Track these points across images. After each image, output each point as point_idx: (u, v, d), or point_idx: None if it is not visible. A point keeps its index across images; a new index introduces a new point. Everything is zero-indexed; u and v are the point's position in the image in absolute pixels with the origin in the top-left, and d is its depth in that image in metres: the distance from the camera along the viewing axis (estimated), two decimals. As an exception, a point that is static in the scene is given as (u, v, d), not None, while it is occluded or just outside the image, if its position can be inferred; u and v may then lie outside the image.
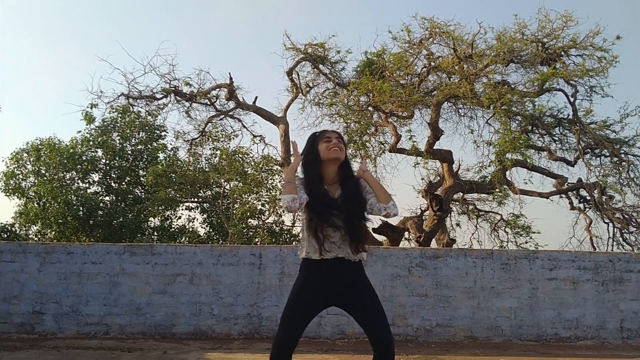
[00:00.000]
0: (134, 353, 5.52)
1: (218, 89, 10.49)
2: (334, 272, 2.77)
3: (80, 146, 16.38)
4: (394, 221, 10.78)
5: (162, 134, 17.35)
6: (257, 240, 14.97)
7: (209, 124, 11.29)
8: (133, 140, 17.39)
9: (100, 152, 16.86)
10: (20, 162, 16.55)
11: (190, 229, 17.24)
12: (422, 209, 11.87)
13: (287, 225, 16.40)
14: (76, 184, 16.64)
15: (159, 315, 6.46)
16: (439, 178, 11.44)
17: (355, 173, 2.96)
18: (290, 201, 2.68)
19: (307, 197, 2.76)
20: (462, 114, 10.59)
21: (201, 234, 17.09)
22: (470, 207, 12.79)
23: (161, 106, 10.41)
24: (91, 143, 16.57)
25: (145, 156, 17.27)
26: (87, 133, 16.60)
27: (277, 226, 16.30)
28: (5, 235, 15.91)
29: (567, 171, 10.42)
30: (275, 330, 6.50)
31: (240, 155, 14.86)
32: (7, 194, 16.30)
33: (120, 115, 16.48)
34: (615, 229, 10.11)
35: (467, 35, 9.59)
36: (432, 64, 10.14)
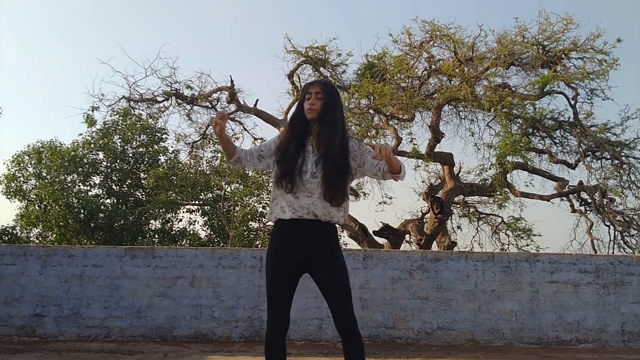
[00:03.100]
0: (134, 356, 5.52)
1: (219, 92, 10.51)
2: (303, 233, 2.68)
3: (81, 149, 16.41)
4: (394, 224, 10.79)
5: (163, 136, 17.40)
6: (258, 243, 14.96)
7: (210, 126, 11.29)
8: (134, 143, 17.41)
9: (101, 155, 16.89)
10: (22, 164, 16.57)
11: (191, 232, 17.24)
12: (423, 211, 11.86)
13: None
14: (77, 187, 16.66)
15: (159, 318, 6.46)
16: (439, 181, 11.45)
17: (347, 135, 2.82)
18: (234, 163, 2.87)
19: (249, 155, 2.87)
20: (463, 117, 10.60)
21: (202, 237, 17.10)
22: (471, 209, 12.78)
23: (162, 109, 10.43)
24: (92, 146, 16.60)
25: (147, 159, 17.29)
26: (88, 136, 16.64)
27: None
28: (6, 238, 15.93)
29: (568, 174, 10.43)
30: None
31: (241, 158, 14.85)
32: (8, 196, 16.32)
33: (121, 118, 16.51)
34: (616, 232, 10.10)
35: (468, 38, 9.62)
36: (433, 66, 10.15)
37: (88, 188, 16.91)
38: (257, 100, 10.68)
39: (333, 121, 2.72)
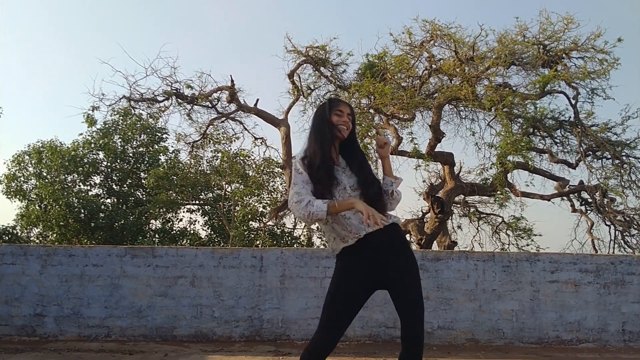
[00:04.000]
0: (135, 355, 5.52)
1: (219, 92, 10.50)
2: (371, 249, 2.56)
3: (81, 148, 16.42)
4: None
5: (164, 136, 17.43)
6: (258, 242, 14.96)
7: (210, 126, 11.30)
8: (134, 143, 17.42)
9: (101, 155, 16.90)
10: (22, 164, 16.58)
11: (192, 232, 17.26)
12: (424, 211, 11.86)
13: (289, 228, 16.41)
14: (77, 187, 16.67)
15: (160, 318, 6.45)
16: (440, 180, 11.44)
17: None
18: (308, 207, 2.49)
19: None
20: (464, 117, 10.60)
21: (202, 237, 17.11)
22: (472, 209, 12.79)
23: (162, 109, 10.42)
24: (92, 145, 16.61)
25: (147, 158, 17.31)
26: (88, 135, 16.65)
27: (278, 228, 16.31)
28: (7, 238, 15.94)
29: (569, 174, 10.42)
30: (276, 332, 6.52)
31: (241, 158, 14.90)
32: (9, 196, 16.33)
33: (121, 117, 16.53)
34: (617, 232, 10.09)
35: (469, 38, 9.62)
36: (434, 66, 10.15)
37: (88, 188, 16.92)
38: (258, 99, 10.67)
39: (357, 144, 2.81)
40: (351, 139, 2.72)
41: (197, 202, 17.05)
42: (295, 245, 15.70)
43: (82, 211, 15.08)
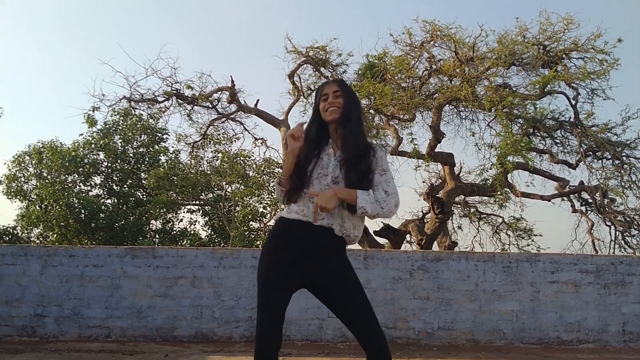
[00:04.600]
0: (135, 356, 5.52)
1: (220, 92, 10.50)
2: (309, 238, 2.38)
3: (82, 149, 16.43)
4: (395, 224, 10.78)
5: (164, 136, 17.43)
6: (258, 243, 14.96)
7: (211, 126, 11.31)
8: (135, 143, 17.43)
9: (102, 155, 16.91)
10: (22, 164, 16.59)
11: (192, 232, 17.26)
12: (424, 211, 11.85)
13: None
14: (78, 187, 16.68)
15: (160, 318, 6.46)
16: (440, 181, 11.44)
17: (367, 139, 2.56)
18: (280, 193, 2.47)
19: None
20: (464, 117, 10.59)
21: (203, 237, 17.11)
22: (472, 209, 12.78)
23: (163, 109, 10.43)
24: (93, 146, 16.62)
25: (147, 159, 17.32)
26: (89, 136, 16.67)
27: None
28: (7, 238, 15.94)
29: (569, 174, 10.41)
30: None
31: (241, 158, 14.90)
32: (9, 196, 16.33)
33: (122, 118, 16.54)
34: (617, 232, 10.08)
35: (469, 38, 9.60)
36: (434, 66, 10.15)
37: (89, 188, 16.93)
38: (258, 100, 10.69)
39: (357, 120, 2.51)
40: (346, 118, 2.48)
41: (197, 202, 17.05)
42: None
43: (83, 211, 15.09)
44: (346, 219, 2.41)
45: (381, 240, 10.86)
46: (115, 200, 17.07)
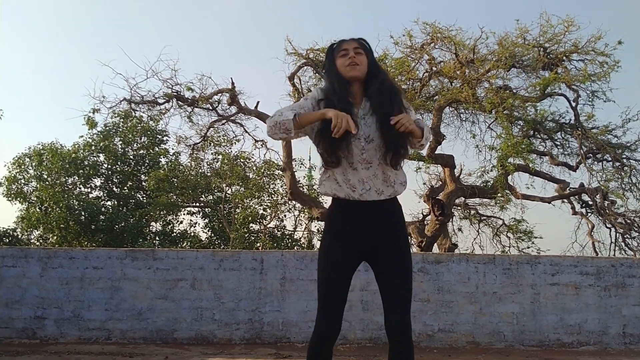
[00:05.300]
0: (135, 358, 5.51)
1: (220, 94, 10.50)
2: (365, 214, 2.32)
3: (82, 151, 16.46)
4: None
5: (164, 138, 17.47)
6: (258, 245, 14.97)
7: (211, 128, 11.30)
8: (135, 145, 17.46)
9: (102, 157, 16.94)
10: (23, 166, 16.61)
11: (192, 234, 17.28)
12: (424, 213, 11.86)
13: (289, 230, 16.42)
14: (78, 189, 16.70)
15: (160, 321, 6.45)
16: (440, 183, 11.45)
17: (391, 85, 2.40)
18: (276, 117, 2.24)
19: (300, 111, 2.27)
20: (464, 119, 10.61)
21: (203, 239, 17.12)
22: (472, 212, 12.80)
23: (163, 111, 10.43)
24: (93, 148, 16.65)
25: (147, 161, 17.34)
26: (89, 138, 16.70)
27: (278, 231, 16.33)
28: (7, 240, 15.94)
29: (569, 176, 10.42)
30: (277, 335, 6.51)
31: (242, 160, 14.90)
32: (9, 198, 16.35)
33: (122, 120, 16.57)
34: (618, 234, 10.10)
35: (469, 40, 9.61)
36: (434, 68, 10.16)
37: (89, 190, 16.95)
38: (258, 102, 10.67)
39: (386, 76, 2.39)
40: (372, 74, 2.35)
41: (197, 204, 17.07)
42: (295, 248, 15.71)
43: (83, 213, 15.10)
44: (388, 172, 2.34)
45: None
46: (116, 202, 17.09)
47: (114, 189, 17.38)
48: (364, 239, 2.34)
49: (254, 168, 15.30)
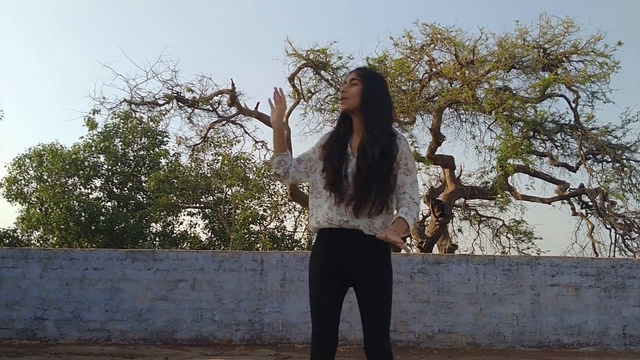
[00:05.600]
0: (135, 359, 5.52)
1: (220, 95, 10.50)
2: (346, 243, 2.26)
3: (82, 152, 16.45)
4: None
5: (164, 139, 17.45)
6: (258, 246, 14.97)
7: (211, 129, 11.30)
8: (135, 146, 17.45)
9: (102, 158, 16.93)
10: (23, 167, 16.60)
11: (192, 235, 17.26)
12: (424, 214, 11.86)
13: (289, 231, 16.42)
14: (78, 190, 16.68)
15: (160, 321, 6.45)
16: (440, 184, 11.46)
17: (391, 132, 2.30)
18: (276, 165, 2.37)
19: (294, 164, 2.37)
20: (464, 120, 10.61)
21: (203, 240, 17.11)
22: (472, 212, 12.80)
23: (163, 112, 10.43)
24: (93, 149, 16.63)
25: (147, 162, 17.32)
26: (89, 139, 16.68)
27: (278, 232, 16.33)
28: (7, 241, 15.93)
29: (569, 177, 10.42)
30: (277, 336, 6.51)
31: (242, 161, 14.90)
32: (10, 199, 16.34)
33: (122, 121, 16.54)
34: (618, 235, 10.09)
35: (469, 41, 9.62)
36: (434, 69, 10.16)
37: (89, 191, 16.93)
38: (258, 103, 10.66)
39: (379, 107, 2.27)
40: (362, 108, 2.27)
41: (197, 205, 17.06)
42: (295, 249, 15.70)
43: (83, 214, 15.09)
44: (375, 219, 2.26)
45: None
46: (116, 203, 17.08)
47: (114, 189, 17.37)
48: (345, 263, 2.30)
49: (254, 169, 15.31)
